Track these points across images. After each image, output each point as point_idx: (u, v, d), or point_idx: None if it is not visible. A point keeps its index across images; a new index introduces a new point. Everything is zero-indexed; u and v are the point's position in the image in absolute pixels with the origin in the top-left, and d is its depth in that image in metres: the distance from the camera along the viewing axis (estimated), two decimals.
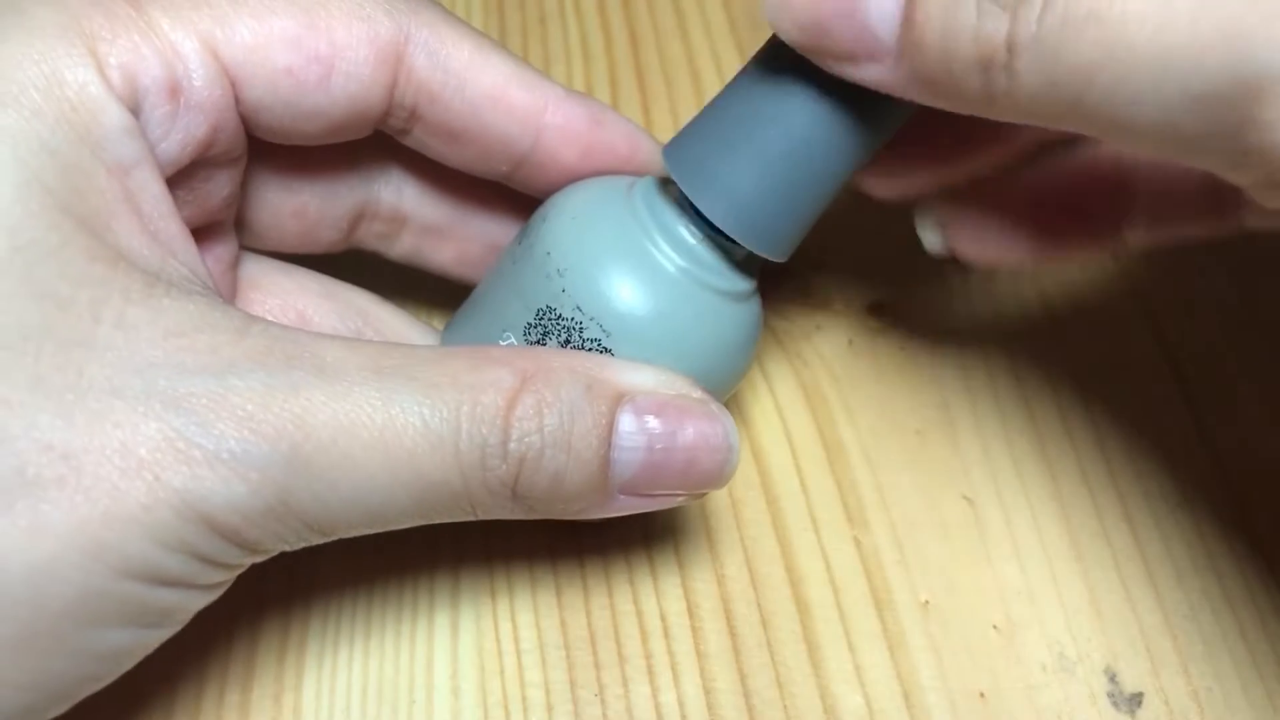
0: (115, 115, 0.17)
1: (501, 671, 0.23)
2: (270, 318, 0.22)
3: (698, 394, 0.20)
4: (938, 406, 0.26)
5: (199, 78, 0.18)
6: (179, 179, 0.19)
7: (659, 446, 0.19)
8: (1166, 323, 0.27)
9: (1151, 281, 0.28)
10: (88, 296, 0.16)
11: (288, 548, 0.18)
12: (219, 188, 0.20)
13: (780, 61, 0.19)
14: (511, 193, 0.23)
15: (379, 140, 0.22)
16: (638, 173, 0.22)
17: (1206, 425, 0.25)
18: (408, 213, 0.24)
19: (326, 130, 0.20)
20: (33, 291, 0.16)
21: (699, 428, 0.19)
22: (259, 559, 0.18)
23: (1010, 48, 0.15)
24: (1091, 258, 0.24)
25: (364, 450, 0.17)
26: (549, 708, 0.22)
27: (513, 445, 0.18)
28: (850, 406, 0.26)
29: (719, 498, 0.25)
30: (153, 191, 0.18)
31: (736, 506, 0.25)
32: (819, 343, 0.27)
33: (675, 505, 0.21)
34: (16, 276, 0.16)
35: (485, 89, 0.21)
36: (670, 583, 0.24)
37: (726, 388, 0.22)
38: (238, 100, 0.19)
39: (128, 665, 0.18)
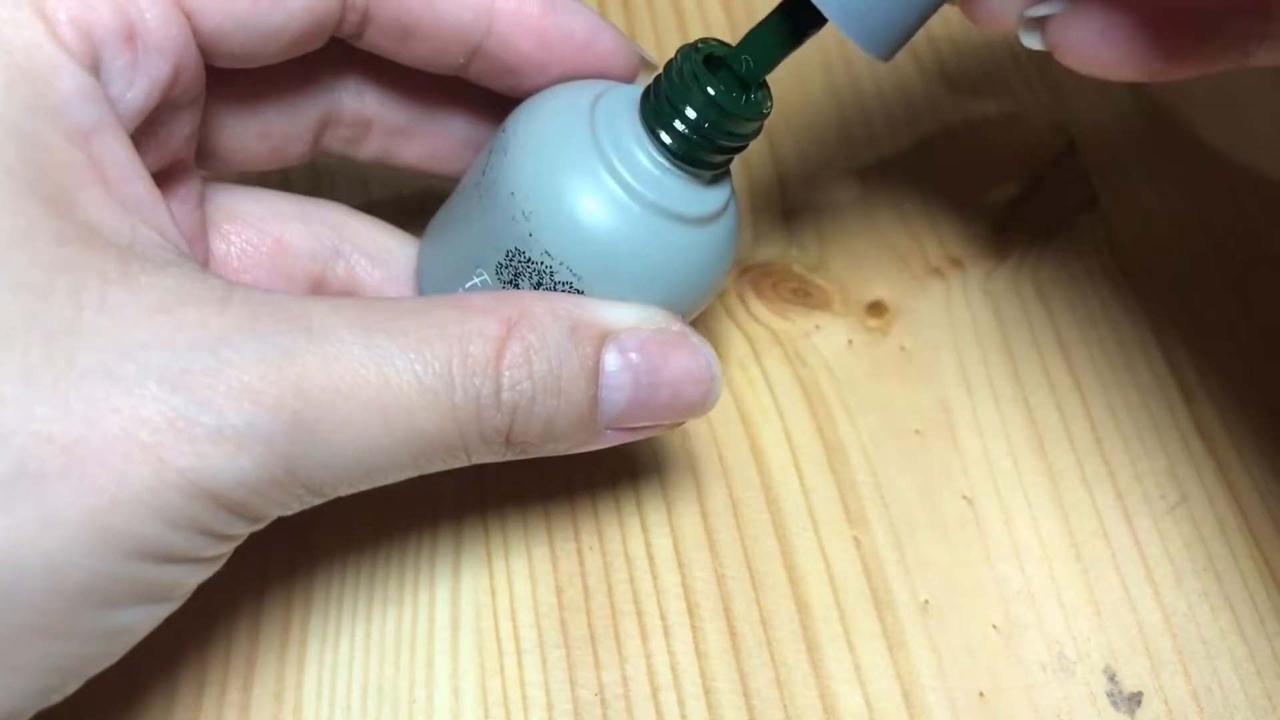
0: (72, 77, 0.17)
1: (501, 671, 0.23)
2: (249, 247, 0.22)
3: (677, 326, 0.20)
4: (938, 406, 0.26)
5: (153, 17, 0.18)
6: (142, 128, 0.18)
7: (644, 382, 0.20)
8: (1166, 322, 0.27)
9: (1152, 281, 0.28)
10: (65, 282, 0.16)
11: (288, 513, 0.18)
12: (181, 128, 0.20)
13: None
14: (473, 89, 0.23)
15: (334, 48, 0.21)
16: (598, 64, 0.22)
17: (1206, 424, 0.25)
18: (371, 116, 0.24)
19: (287, 47, 0.20)
20: (9, 283, 0.15)
21: (681, 361, 0.20)
22: (259, 527, 0.18)
23: None
24: (1207, 70, 0.22)
25: (362, 411, 0.17)
26: (549, 708, 0.22)
27: (505, 394, 0.18)
28: (850, 406, 0.26)
29: (720, 498, 0.25)
30: (117, 155, 0.17)
31: (736, 506, 0.25)
32: (819, 343, 0.27)
33: (659, 434, 0.21)
34: None
35: None
36: (670, 582, 0.24)
37: (702, 306, 0.22)
38: (195, 32, 0.18)
39: (135, 641, 0.18)
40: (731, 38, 0.20)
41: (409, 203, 0.26)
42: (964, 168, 0.22)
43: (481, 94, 0.23)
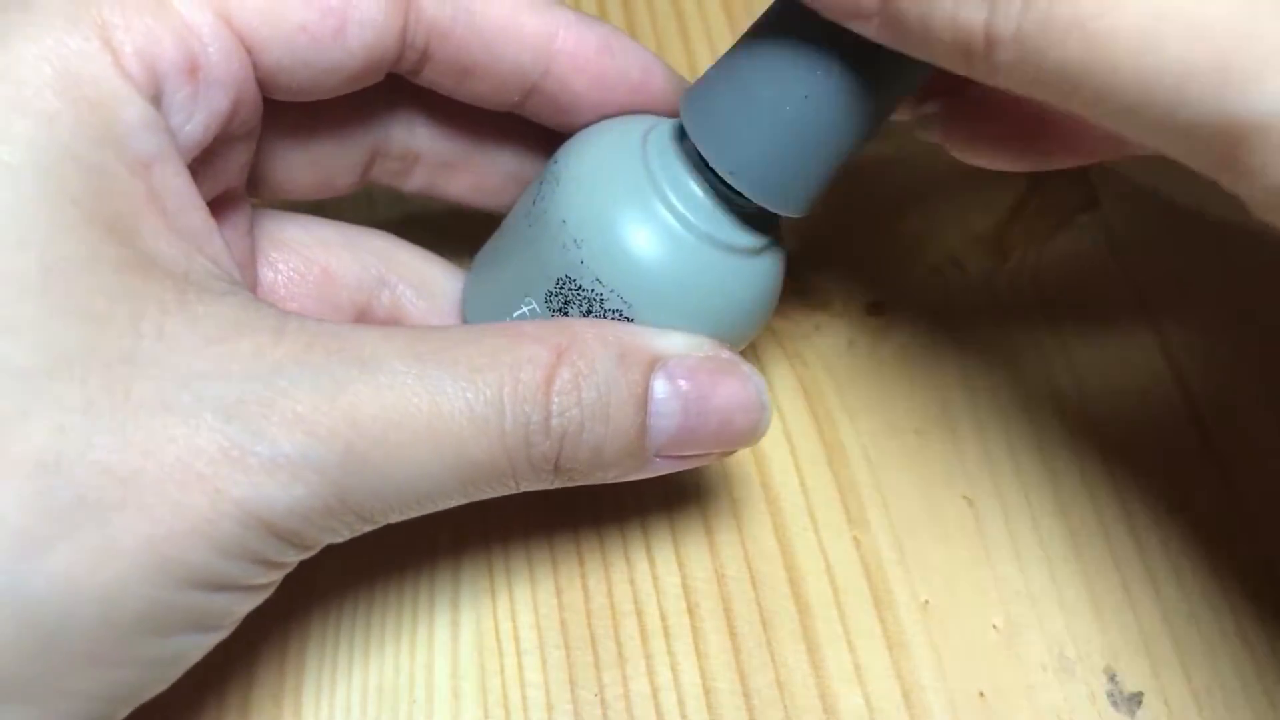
0: (136, 109, 0.17)
1: (501, 671, 0.23)
2: (295, 275, 0.22)
3: (726, 354, 0.20)
4: (938, 406, 0.26)
5: (215, 51, 0.18)
6: (199, 158, 0.19)
7: (694, 410, 0.19)
8: (1167, 322, 0.27)
9: (1153, 281, 0.28)
10: (125, 310, 0.16)
11: (338, 540, 0.18)
12: (236, 158, 0.20)
13: (793, 11, 0.18)
14: (524, 120, 0.23)
15: (389, 81, 0.22)
16: (651, 103, 0.22)
17: (1206, 425, 0.25)
18: (420, 150, 0.24)
19: (344, 83, 0.20)
20: (71, 311, 0.15)
21: (731, 388, 0.20)
22: (309, 555, 0.18)
23: (989, 40, 0.15)
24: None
25: (413, 440, 0.17)
26: (549, 708, 0.22)
27: (554, 421, 0.18)
28: (850, 406, 0.26)
29: (719, 498, 0.25)
30: (175, 185, 0.18)
31: (736, 506, 0.25)
32: (819, 343, 0.27)
33: (710, 463, 0.21)
34: (54, 297, 0.15)
35: (495, 19, 0.20)
36: (670, 583, 0.24)
37: (748, 339, 0.22)
38: (255, 66, 0.19)
39: (186, 668, 0.18)
40: (731, 38, 0.20)
41: (451, 221, 0.26)
42: (964, 167, 0.22)
43: (530, 129, 0.23)
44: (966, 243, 0.28)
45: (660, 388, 0.19)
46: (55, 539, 0.15)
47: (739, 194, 0.20)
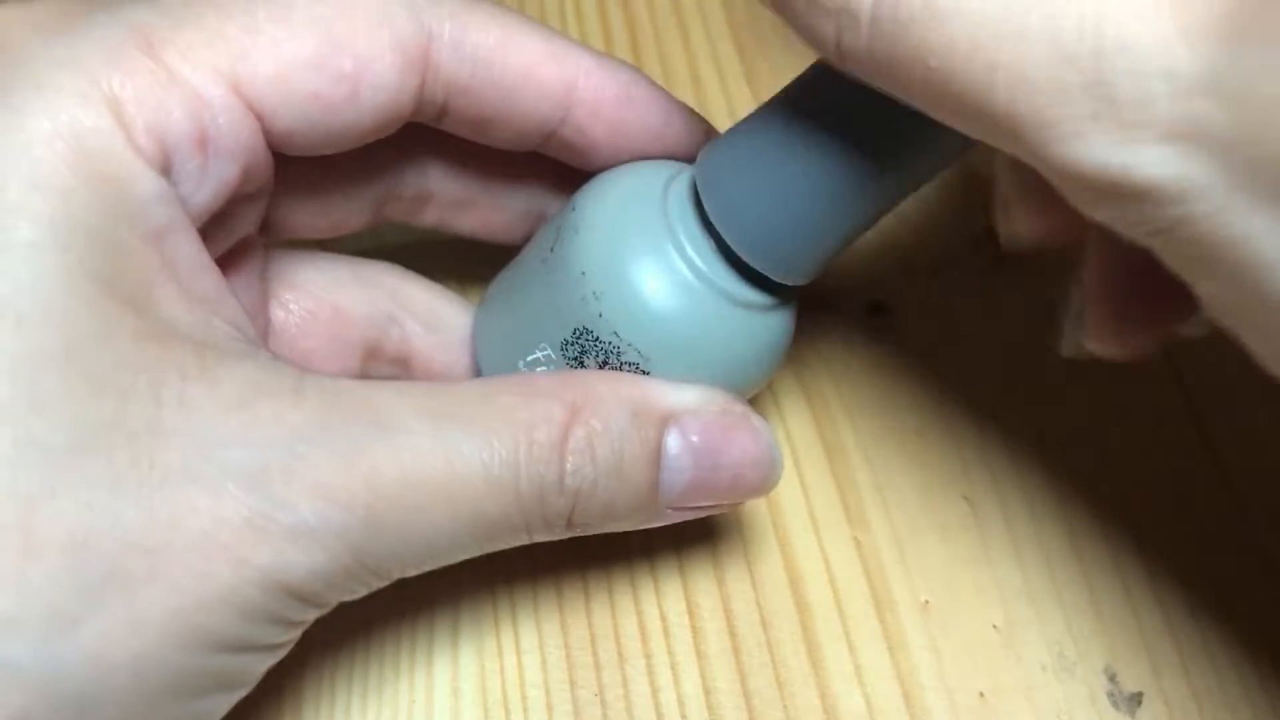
0: (148, 182, 0.17)
1: (501, 671, 0.23)
2: (307, 315, 0.22)
3: (739, 408, 0.20)
4: (938, 406, 0.26)
5: (225, 121, 0.18)
6: (210, 221, 0.19)
7: (706, 464, 0.20)
8: None
9: None
10: (146, 381, 0.16)
11: (354, 598, 0.18)
12: (248, 215, 0.20)
13: (815, 88, 0.19)
14: (538, 157, 0.23)
15: (403, 128, 0.21)
16: (670, 150, 0.22)
17: (1207, 425, 0.25)
18: (433, 191, 0.24)
19: (357, 140, 0.20)
20: (95, 385, 0.16)
21: (743, 444, 0.20)
22: (326, 612, 0.18)
23: (840, 53, 0.16)
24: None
25: (430, 501, 0.17)
26: (549, 707, 0.22)
27: (569, 480, 0.18)
28: (850, 407, 0.26)
29: None
30: (188, 253, 0.18)
31: (736, 507, 0.25)
32: (819, 343, 0.27)
33: (720, 513, 0.21)
34: (77, 372, 0.16)
35: (515, 71, 0.20)
36: (670, 583, 0.24)
37: (758, 388, 0.22)
38: (266, 132, 0.19)
39: None
40: (731, 38, 0.20)
41: (463, 247, 0.26)
42: (964, 167, 0.22)
43: (544, 165, 0.23)
44: (966, 243, 0.28)
45: (673, 443, 0.19)
46: (86, 615, 0.15)
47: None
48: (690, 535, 0.24)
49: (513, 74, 0.20)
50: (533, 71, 0.21)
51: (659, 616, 0.23)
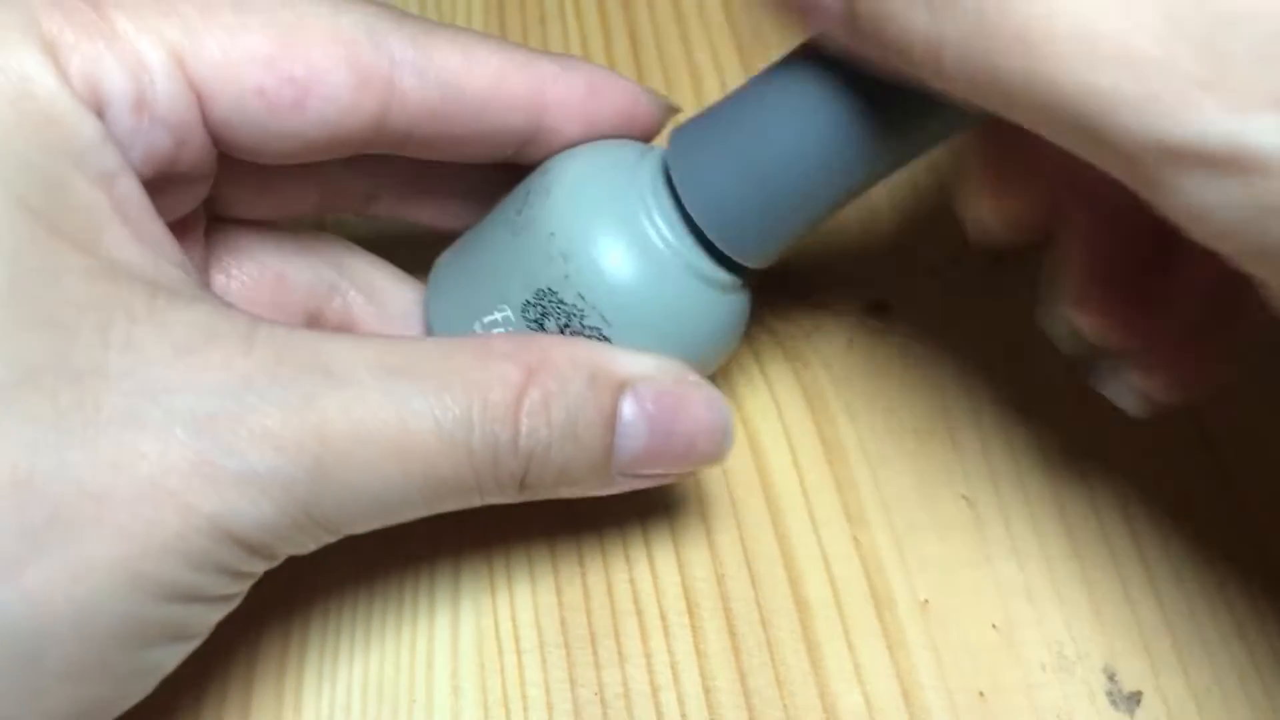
0: (91, 125, 0.17)
1: (501, 670, 0.23)
2: (249, 280, 0.22)
3: (693, 378, 0.20)
4: (938, 406, 0.26)
5: (164, 90, 0.18)
6: (152, 187, 0.19)
7: (660, 431, 0.20)
8: None
9: None
10: (93, 320, 0.16)
11: (303, 551, 0.18)
12: (183, 199, 0.20)
13: (790, 70, 0.19)
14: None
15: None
16: (635, 130, 0.22)
17: (1207, 425, 0.25)
18: (383, 186, 0.24)
19: (303, 151, 0.20)
20: (39, 322, 0.15)
21: (696, 413, 0.20)
22: (275, 565, 0.18)
23: (933, 44, 0.15)
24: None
25: (381, 456, 0.17)
26: (549, 707, 0.22)
27: (523, 441, 0.18)
28: (850, 406, 0.26)
29: (719, 498, 0.25)
30: (136, 197, 0.18)
31: (736, 507, 0.25)
32: (819, 343, 0.27)
33: (672, 482, 0.21)
34: (21, 308, 0.15)
35: (482, 87, 0.20)
36: (670, 583, 0.24)
37: (713, 369, 0.22)
38: (205, 116, 0.18)
39: (162, 677, 0.18)
40: (732, 38, 0.20)
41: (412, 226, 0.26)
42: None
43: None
44: (966, 243, 0.28)
45: (628, 409, 0.19)
46: (30, 558, 0.15)
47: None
48: (690, 535, 0.24)
49: (481, 90, 0.20)
50: (500, 84, 0.21)
51: (659, 616, 0.23)
